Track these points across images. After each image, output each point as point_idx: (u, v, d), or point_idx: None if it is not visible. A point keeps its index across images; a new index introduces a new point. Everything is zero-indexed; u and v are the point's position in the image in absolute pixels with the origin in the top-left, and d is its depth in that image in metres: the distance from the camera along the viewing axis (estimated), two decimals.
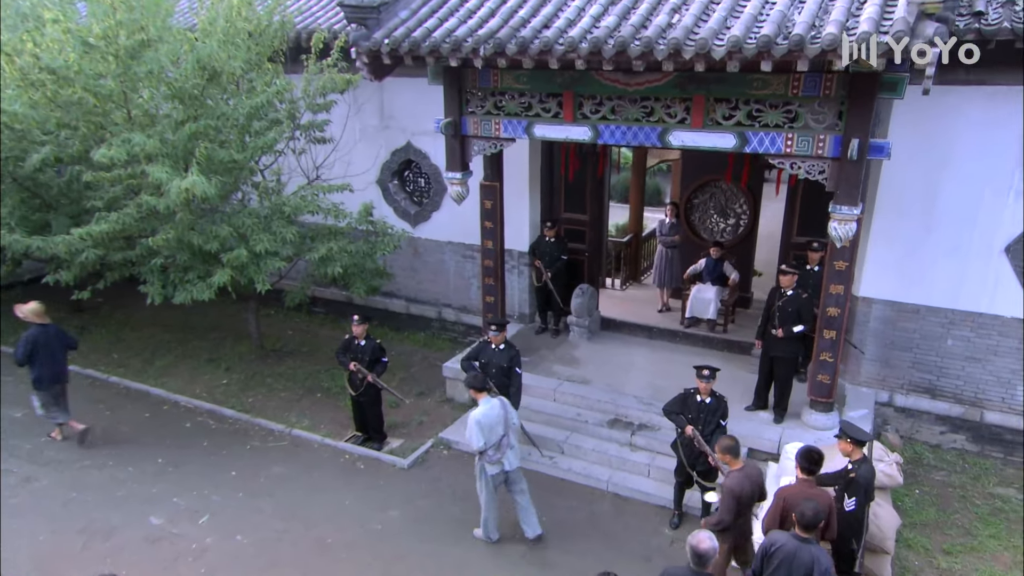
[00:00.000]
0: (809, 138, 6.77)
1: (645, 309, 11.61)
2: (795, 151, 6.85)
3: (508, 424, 6.81)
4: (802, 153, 6.84)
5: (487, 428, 6.64)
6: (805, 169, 6.92)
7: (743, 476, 6.01)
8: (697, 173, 11.54)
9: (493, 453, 6.73)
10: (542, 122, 7.91)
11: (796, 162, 6.94)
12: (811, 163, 6.88)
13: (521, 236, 10.67)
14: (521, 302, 11.12)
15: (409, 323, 12.08)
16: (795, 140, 6.82)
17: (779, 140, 6.89)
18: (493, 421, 6.68)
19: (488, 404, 6.74)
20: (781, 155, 6.95)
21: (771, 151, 6.96)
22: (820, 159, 6.81)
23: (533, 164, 10.38)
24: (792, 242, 9.44)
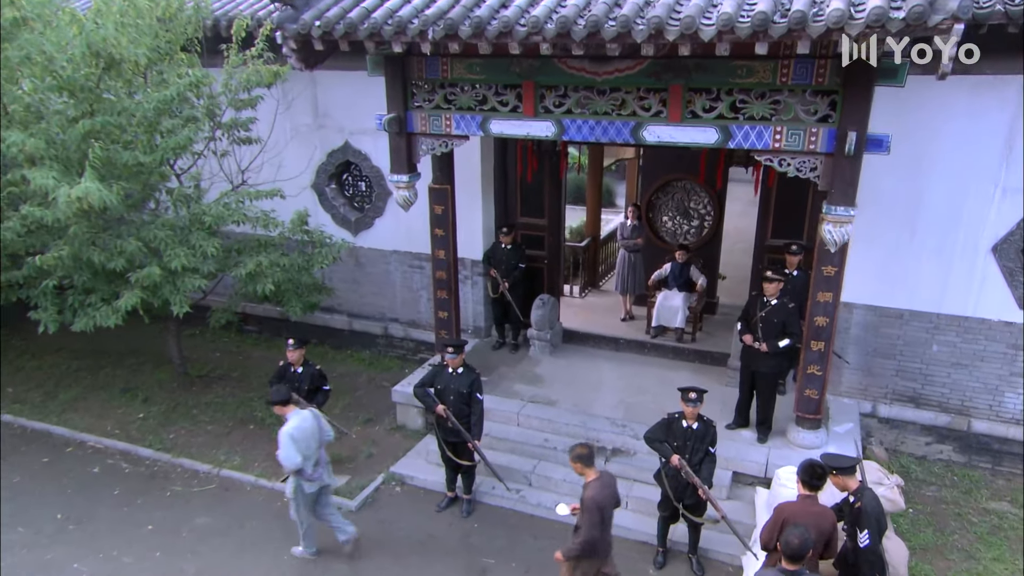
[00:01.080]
0: (800, 132, 6.07)
1: (608, 318, 10.84)
2: (784, 146, 6.15)
3: (322, 438, 6.42)
4: (792, 148, 6.14)
5: (303, 443, 6.14)
6: (795, 166, 6.23)
7: (601, 485, 5.43)
8: (658, 172, 10.84)
9: (312, 470, 6.29)
10: (499, 117, 7.01)
11: (785, 158, 6.24)
12: (802, 159, 6.18)
13: (474, 243, 9.75)
14: (476, 315, 10.20)
15: (352, 340, 10.99)
16: (784, 134, 6.12)
17: (766, 134, 6.17)
18: (308, 435, 6.21)
19: (299, 417, 6.23)
20: (769, 151, 6.24)
21: (757, 146, 6.24)
22: (812, 155, 6.13)
23: (486, 164, 9.47)
24: (767, 245, 8.81)
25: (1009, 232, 7.39)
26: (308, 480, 6.30)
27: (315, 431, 6.30)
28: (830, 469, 5.22)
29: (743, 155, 7.82)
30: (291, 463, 6.07)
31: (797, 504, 5.36)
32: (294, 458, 6.05)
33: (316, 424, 6.33)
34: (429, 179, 8.22)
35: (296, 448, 6.05)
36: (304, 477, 6.27)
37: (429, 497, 7.73)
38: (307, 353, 7.69)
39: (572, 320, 10.52)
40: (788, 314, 7.36)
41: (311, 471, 6.28)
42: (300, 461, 6.10)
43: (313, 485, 6.36)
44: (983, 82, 7.06)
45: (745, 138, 6.24)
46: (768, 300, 7.41)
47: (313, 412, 6.41)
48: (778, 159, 6.25)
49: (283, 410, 6.22)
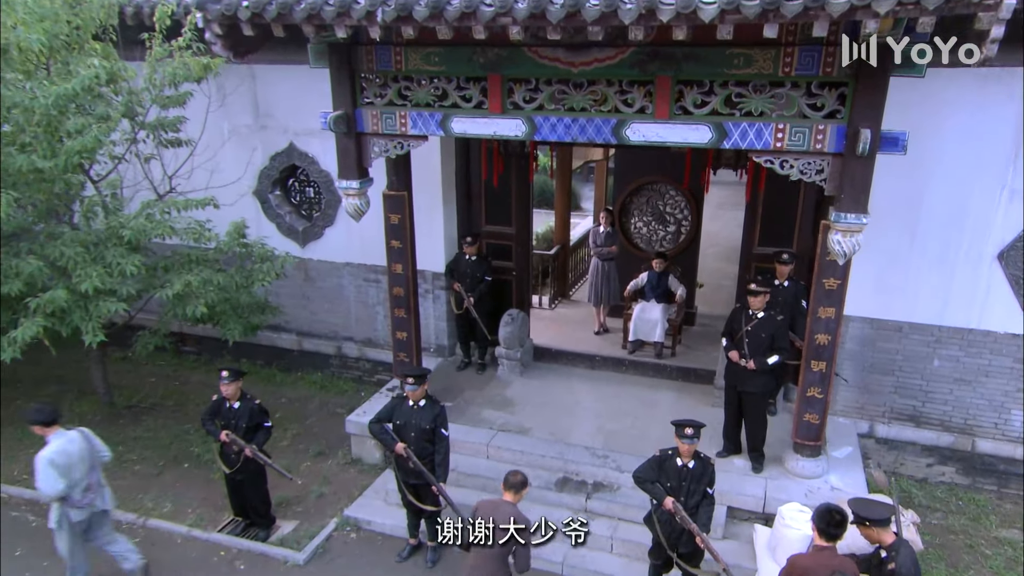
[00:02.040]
0: (805, 129, 5.33)
1: (581, 332, 10.04)
2: (787, 145, 5.40)
3: (95, 459, 5.80)
4: (796, 148, 5.39)
5: (66, 468, 5.52)
6: (799, 168, 5.48)
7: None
8: (632, 174, 10.09)
9: (80, 496, 5.66)
10: (462, 114, 6.13)
11: (788, 160, 5.49)
12: (807, 160, 5.45)
13: (435, 255, 8.84)
14: (439, 332, 9.28)
15: (303, 362, 9.97)
16: (787, 132, 5.37)
17: (766, 132, 5.42)
18: (73, 458, 5.59)
19: (63, 438, 5.61)
20: (769, 151, 5.49)
21: (756, 146, 5.48)
22: (819, 155, 5.39)
23: (448, 168, 8.57)
24: (754, 253, 8.09)
25: (1016, 238, 6.79)
26: (75, 507, 5.65)
27: (84, 453, 5.68)
28: (861, 520, 4.47)
29: (732, 156, 7.09)
30: (52, 490, 5.47)
31: (812, 557, 4.62)
32: (55, 485, 5.45)
33: (86, 445, 5.73)
34: (383, 185, 7.29)
35: (58, 474, 5.45)
36: (70, 504, 5.62)
37: (389, 544, 6.80)
38: (250, 379, 6.68)
39: (543, 335, 9.69)
40: (776, 328, 6.64)
41: (79, 497, 5.64)
42: (63, 488, 5.50)
43: (81, 512, 5.70)
44: (990, 75, 6.43)
45: (742, 137, 5.47)
46: (754, 313, 6.68)
47: (82, 432, 5.80)
48: (780, 160, 5.50)
49: (45, 431, 5.59)
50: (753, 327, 6.62)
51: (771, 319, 6.62)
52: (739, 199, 18.76)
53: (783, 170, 5.53)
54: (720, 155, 7.06)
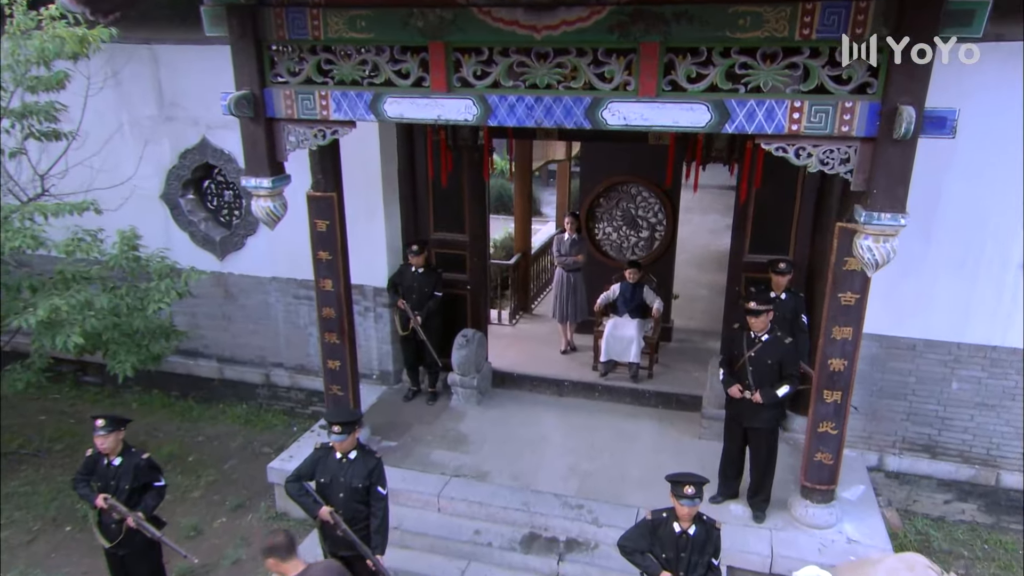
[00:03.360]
0: (828, 108, 4.21)
1: (545, 351, 8.84)
2: (805, 129, 4.28)
3: None
4: (816, 131, 4.27)
5: None
6: (820, 157, 4.37)
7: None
8: (600, 174, 8.96)
9: None
10: (397, 94, 4.86)
11: (805, 147, 4.37)
12: (829, 147, 4.33)
13: (376, 266, 7.57)
14: (382, 356, 7.98)
15: (225, 392, 8.54)
16: (805, 112, 4.25)
17: (779, 112, 4.29)
18: None
19: None
20: (782, 136, 4.36)
21: (766, 130, 4.35)
22: (844, 140, 4.28)
23: (389, 164, 7.30)
24: (744, 262, 7.00)
25: None
26: None
27: None
28: None
29: (725, 146, 5.98)
30: None
31: None
32: None
33: None
34: (308, 184, 5.98)
35: None
36: None
37: None
38: (162, 414, 5.29)
39: (503, 356, 8.46)
40: (785, 352, 5.55)
41: None
42: None
43: None
44: (1015, 50, 5.47)
45: (749, 118, 4.34)
46: (757, 336, 5.57)
47: None
48: (795, 148, 4.38)
49: None
50: (757, 352, 5.50)
51: (777, 342, 5.53)
52: (708, 202, 18.18)
53: (799, 160, 4.41)
54: (710, 146, 5.97)
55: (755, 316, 5.46)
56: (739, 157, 5.94)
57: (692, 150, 5.90)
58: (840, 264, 5.00)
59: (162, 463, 7.26)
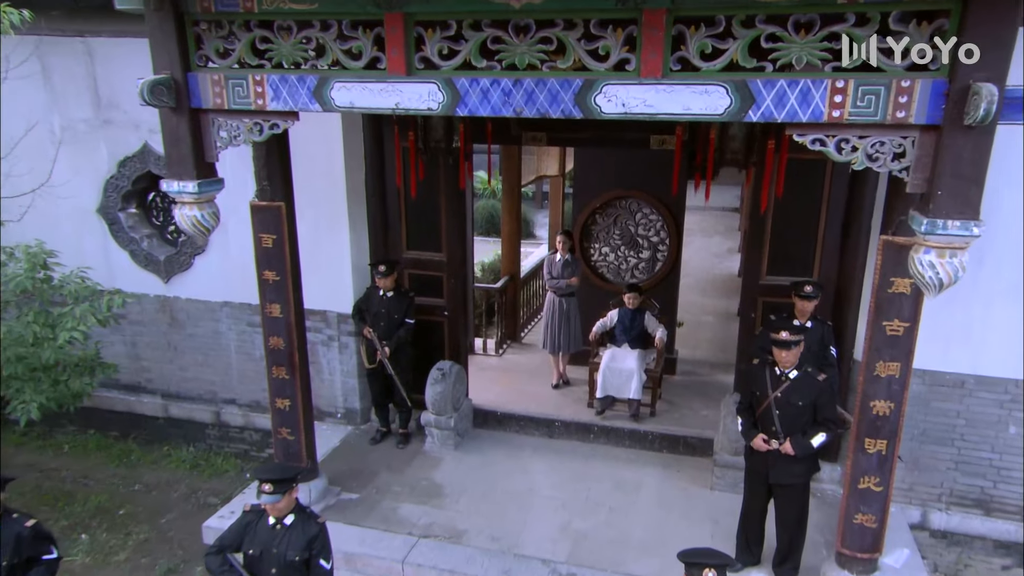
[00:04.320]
0: (879, 89, 3.39)
1: (534, 385, 7.95)
2: (849, 116, 3.45)
3: None
4: (863, 119, 3.45)
5: None
6: (867, 151, 3.54)
7: None
8: (596, 188, 8.14)
9: None
10: (347, 78, 4.04)
11: (849, 138, 3.54)
12: (880, 139, 3.50)
13: (341, 290, 6.71)
14: (347, 392, 7.08)
15: (170, 432, 7.60)
16: (850, 94, 3.42)
17: (816, 95, 3.46)
18: None
19: None
20: (820, 125, 3.53)
21: (800, 117, 3.52)
22: (900, 129, 3.45)
23: (355, 171, 6.48)
24: (762, 285, 6.14)
25: None
26: None
27: None
28: None
29: (741, 146, 5.11)
30: None
31: None
32: None
33: None
34: (252, 190, 5.15)
35: None
36: None
37: None
38: (98, 457, 4.38)
39: (487, 391, 7.57)
40: (819, 391, 4.67)
41: None
42: None
43: None
44: None
45: (778, 103, 3.52)
46: (784, 373, 4.69)
47: None
48: (836, 140, 3.55)
49: None
50: (785, 393, 4.62)
51: (809, 380, 4.65)
52: (711, 224, 17.50)
53: (840, 155, 3.58)
54: (724, 147, 5.11)
55: (785, 348, 4.59)
56: (757, 160, 5.11)
57: (702, 153, 5.07)
58: (885, 286, 4.16)
59: (87, 518, 6.40)
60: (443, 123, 5.60)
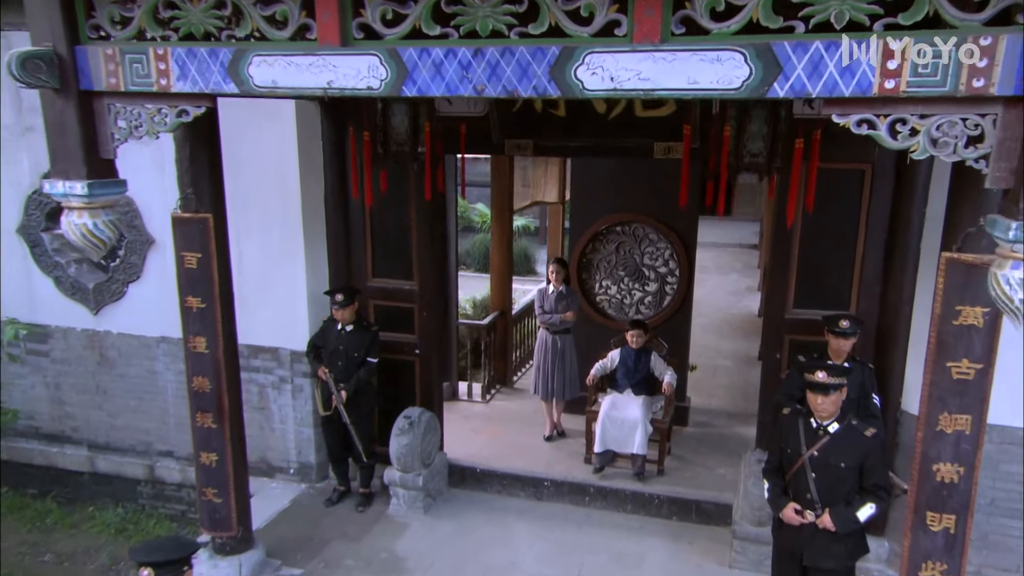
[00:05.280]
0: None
1: (524, 437, 7.15)
2: (906, 88, 2.73)
3: None
4: (925, 91, 2.72)
5: None
6: (931, 135, 2.81)
7: None
8: (595, 211, 7.45)
9: None
10: (269, 50, 3.37)
11: (906, 117, 2.81)
12: (949, 118, 2.77)
13: (295, 323, 6.00)
14: (301, 443, 6.29)
15: (97, 490, 6.79)
16: (908, 58, 2.70)
17: (862, 60, 2.75)
18: None
19: None
20: (867, 101, 2.81)
21: (841, 90, 2.80)
22: (976, 104, 2.72)
23: (311, 183, 5.82)
24: (788, 319, 5.35)
25: None
26: None
27: None
28: None
29: (764, 148, 4.33)
30: None
31: None
32: None
33: None
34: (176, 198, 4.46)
35: None
36: None
37: None
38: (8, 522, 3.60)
39: (469, 443, 6.79)
40: (867, 450, 3.86)
41: None
42: None
43: None
44: None
45: (812, 72, 2.81)
46: (822, 425, 3.89)
47: None
48: (889, 120, 2.83)
49: None
50: (823, 451, 3.82)
51: (853, 435, 3.85)
52: (727, 260, 16.85)
53: (895, 140, 2.85)
54: (741, 149, 4.34)
55: (823, 393, 3.79)
56: (782, 166, 4.38)
57: (715, 157, 4.34)
58: (949, 317, 3.38)
59: None
60: (407, 122, 4.92)
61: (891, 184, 4.94)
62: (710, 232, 18.57)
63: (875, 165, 4.93)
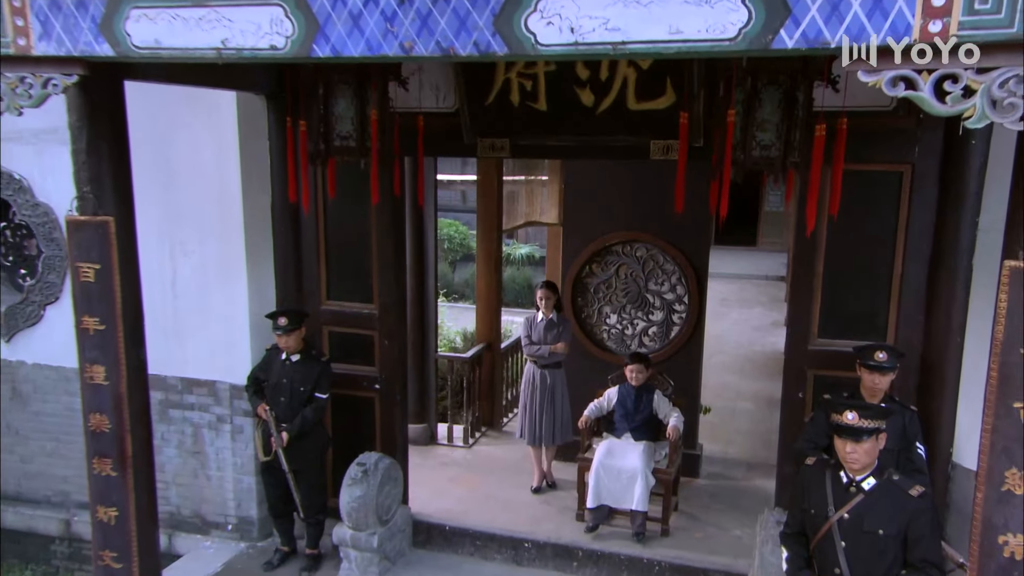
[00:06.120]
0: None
1: (509, 488, 6.55)
2: (957, 31, 2.17)
3: None
4: (983, 33, 2.16)
5: None
6: (991, 95, 2.24)
7: None
8: (591, 230, 6.94)
9: None
10: (151, 1, 2.87)
11: (957, 72, 2.25)
12: (1014, 70, 2.21)
13: (234, 353, 5.49)
14: (241, 495, 5.70)
15: (5, 548, 6.20)
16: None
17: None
18: None
19: None
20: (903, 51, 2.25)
21: (870, 35, 2.25)
22: None
23: (255, 191, 5.34)
24: (811, 351, 4.73)
25: None
26: None
27: None
28: None
29: (776, 134, 3.73)
30: None
31: None
32: None
33: None
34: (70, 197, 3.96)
35: None
36: None
37: None
38: None
39: (445, 495, 6.24)
40: (914, 512, 3.24)
41: None
42: None
43: None
44: None
45: (830, 14, 2.26)
46: (855, 481, 3.26)
47: None
48: (935, 76, 2.27)
49: None
50: (856, 513, 3.19)
51: (894, 494, 3.23)
52: (752, 294, 16.29)
53: (944, 104, 2.28)
54: (750, 136, 3.73)
55: (854, 439, 3.17)
56: (801, 160, 3.78)
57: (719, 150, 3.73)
58: (1015, 344, 2.81)
59: None
60: (353, 111, 4.38)
61: (935, 188, 4.37)
62: (733, 263, 18.14)
63: (915, 166, 4.37)
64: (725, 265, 18.21)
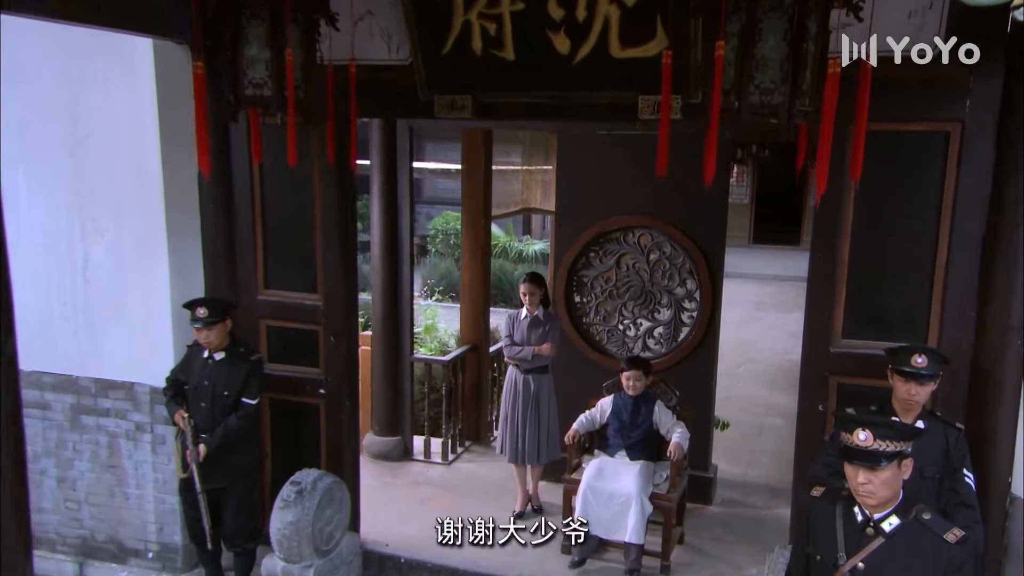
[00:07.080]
0: None
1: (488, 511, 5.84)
2: None
3: None
4: None
5: None
6: None
7: None
8: (586, 214, 6.44)
9: None
10: None
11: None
12: None
13: (155, 351, 5.06)
14: (163, 517, 5.24)
15: None
16: None
17: None
18: None
19: None
20: None
21: None
22: None
23: (177, 158, 4.89)
24: (834, 353, 4.14)
25: None
26: None
27: None
28: None
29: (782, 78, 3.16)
30: None
31: None
32: None
33: None
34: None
35: None
36: None
37: None
38: None
39: (410, 521, 5.83)
40: (950, 563, 2.70)
41: None
42: None
43: None
44: None
45: None
46: (872, 520, 2.68)
47: None
48: None
49: None
50: (873, 563, 2.65)
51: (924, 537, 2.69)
52: (790, 296, 15.68)
53: None
54: (745, 79, 3.09)
55: (868, 466, 2.60)
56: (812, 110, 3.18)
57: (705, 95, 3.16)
58: None
59: None
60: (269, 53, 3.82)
61: (991, 153, 3.77)
62: (773, 263, 17.60)
63: (965, 124, 3.77)
64: (763, 265, 17.67)
